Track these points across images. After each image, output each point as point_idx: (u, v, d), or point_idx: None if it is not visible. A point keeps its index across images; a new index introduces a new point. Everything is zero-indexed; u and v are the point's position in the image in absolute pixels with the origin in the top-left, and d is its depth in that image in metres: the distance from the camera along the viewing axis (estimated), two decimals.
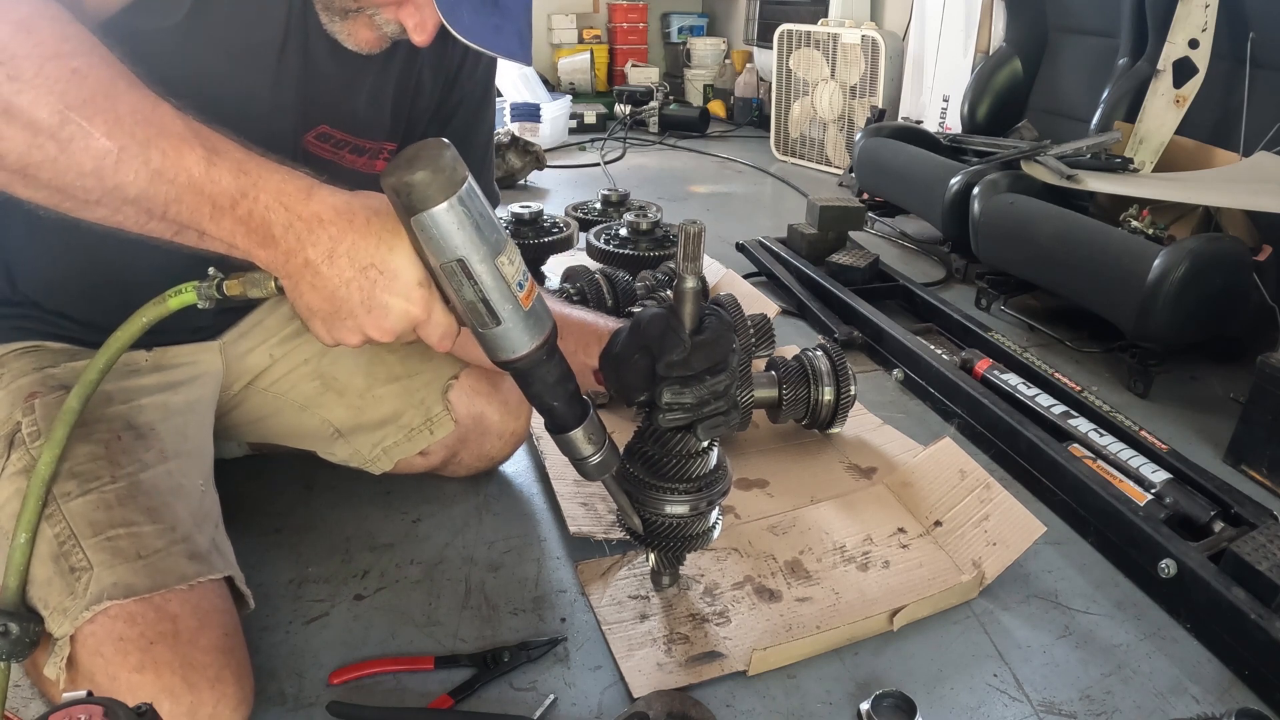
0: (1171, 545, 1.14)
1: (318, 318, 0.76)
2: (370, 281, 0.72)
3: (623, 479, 1.04)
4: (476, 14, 0.83)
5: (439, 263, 0.71)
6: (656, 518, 1.01)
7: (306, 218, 0.72)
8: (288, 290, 0.75)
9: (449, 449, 1.27)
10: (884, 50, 3.45)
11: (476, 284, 0.71)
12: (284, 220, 0.72)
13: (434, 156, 0.68)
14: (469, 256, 0.70)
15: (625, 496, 0.98)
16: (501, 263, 0.72)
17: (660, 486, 1.00)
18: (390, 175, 0.68)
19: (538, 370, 0.81)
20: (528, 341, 0.77)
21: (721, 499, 1.05)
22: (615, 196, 2.54)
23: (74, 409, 0.83)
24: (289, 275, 0.74)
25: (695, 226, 0.86)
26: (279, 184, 0.72)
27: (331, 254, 0.72)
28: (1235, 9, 2.05)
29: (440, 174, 0.67)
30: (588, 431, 0.88)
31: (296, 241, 0.72)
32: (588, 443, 0.88)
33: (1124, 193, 1.94)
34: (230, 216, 0.71)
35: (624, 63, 5.14)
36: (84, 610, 0.81)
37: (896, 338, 1.81)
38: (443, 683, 0.98)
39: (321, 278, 0.72)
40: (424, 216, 0.68)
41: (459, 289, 0.72)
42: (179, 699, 0.81)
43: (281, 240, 0.72)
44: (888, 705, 0.94)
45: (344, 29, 0.93)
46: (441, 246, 0.70)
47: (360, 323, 0.74)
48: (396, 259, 0.72)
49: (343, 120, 1.05)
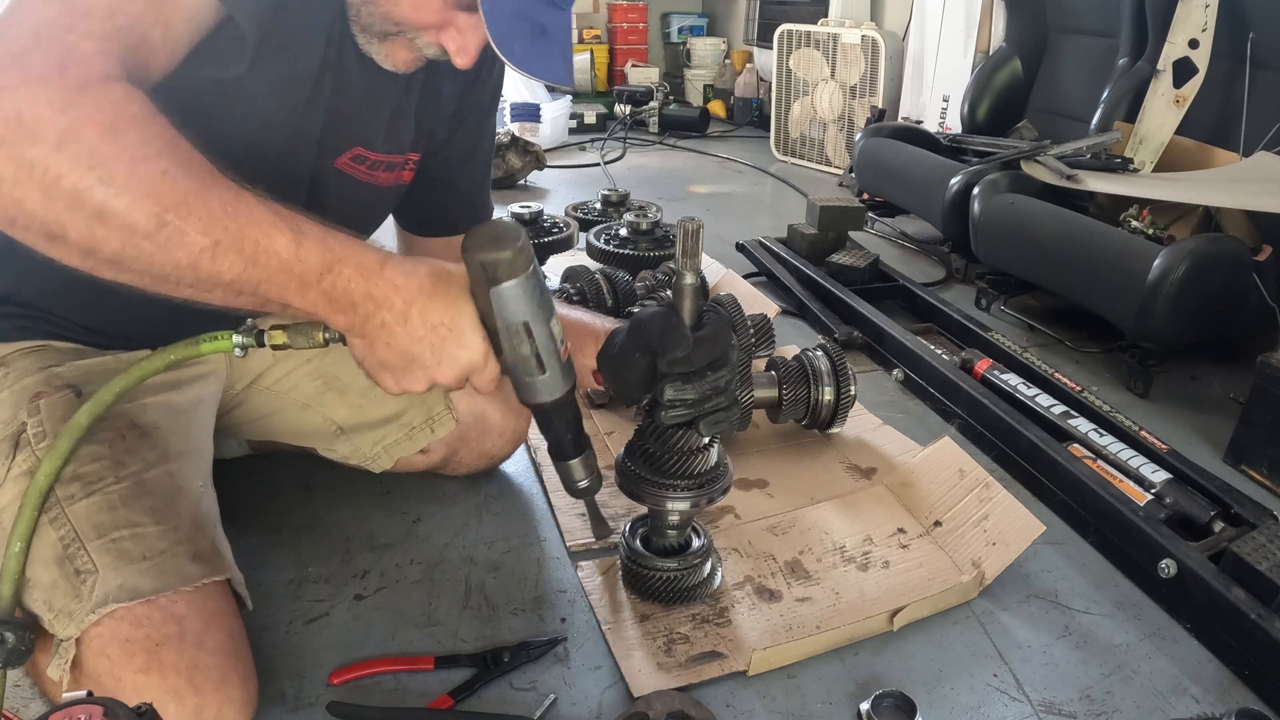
0: (1171, 545, 1.14)
1: (388, 371, 0.85)
2: (440, 338, 0.83)
3: (624, 476, 1.05)
4: (528, 44, 0.88)
5: (506, 324, 0.83)
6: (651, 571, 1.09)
7: (383, 286, 0.80)
8: (359, 349, 0.84)
9: (450, 447, 1.28)
10: (884, 50, 3.45)
11: (534, 342, 0.85)
12: (363, 290, 0.79)
13: (514, 238, 0.80)
14: (533, 320, 0.83)
15: (598, 511, 1.04)
16: (553, 324, 0.86)
17: (662, 483, 1.01)
18: (479, 252, 0.80)
19: (560, 412, 0.92)
20: (560, 390, 0.90)
21: (722, 497, 1.06)
22: (615, 196, 2.54)
23: (81, 425, 0.84)
24: (364, 335, 0.82)
25: (693, 224, 0.90)
26: (359, 258, 0.79)
27: (405, 316, 0.81)
28: (1235, 9, 2.05)
29: (521, 254, 0.80)
30: (584, 462, 0.98)
31: (375, 307, 0.80)
32: (583, 470, 0.98)
33: (1124, 193, 1.94)
34: (316, 290, 0.78)
35: (624, 63, 5.14)
36: (89, 614, 0.81)
37: (896, 338, 1.81)
38: (443, 683, 0.98)
39: (395, 336, 0.82)
40: (504, 288, 0.81)
41: (518, 345, 0.85)
42: (184, 701, 0.81)
43: (361, 307, 0.80)
44: (888, 705, 0.94)
45: (382, 50, 0.94)
46: (514, 311, 0.82)
47: (430, 372, 0.84)
48: (463, 318, 0.83)
49: (374, 140, 1.06)
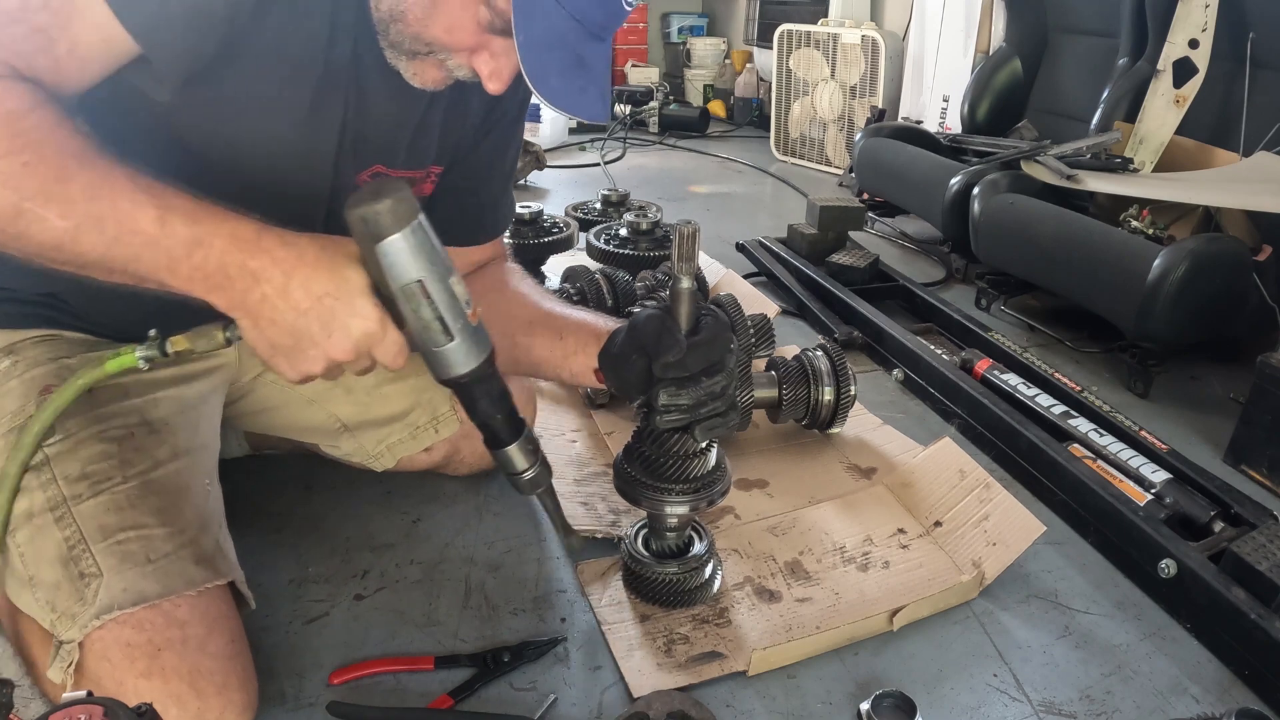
0: (1171, 545, 1.14)
1: (280, 353, 0.79)
2: (327, 309, 0.76)
3: (622, 479, 1.04)
4: (564, 77, 0.84)
5: (399, 285, 0.76)
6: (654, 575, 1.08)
7: (260, 257, 0.76)
8: (248, 331, 0.79)
9: (452, 446, 1.28)
10: (884, 50, 3.44)
11: (433, 302, 0.77)
12: (238, 262, 0.76)
13: (395, 189, 0.74)
14: (426, 277, 0.76)
15: (560, 512, 1.00)
16: (453, 282, 0.79)
17: (659, 487, 1.01)
18: (358, 207, 0.74)
19: (481, 386, 0.86)
20: (476, 357, 0.82)
21: (721, 500, 1.06)
22: (615, 196, 2.54)
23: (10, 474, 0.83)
24: (248, 313, 0.77)
25: (690, 227, 0.88)
26: (231, 230, 0.76)
27: (286, 289, 0.76)
28: (1235, 9, 2.05)
29: (401, 204, 0.74)
30: (523, 447, 0.92)
31: (252, 280, 0.76)
32: (522, 458, 0.92)
33: (1124, 193, 1.94)
34: (186, 264, 0.76)
35: (624, 63, 5.13)
36: (93, 619, 0.81)
37: (896, 338, 1.81)
38: (443, 683, 0.98)
39: (279, 311, 0.76)
40: (388, 242, 0.74)
41: (417, 309, 0.78)
42: (186, 705, 0.82)
43: (238, 281, 0.76)
44: (888, 705, 0.94)
45: (410, 67, 0.92)
46: (404, 269, 0.76)
47: (323, 348, 0.78)
48: (350, 284, 0.77)
49: (395, 156, 1.05)
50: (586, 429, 1.50)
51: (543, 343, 1.12)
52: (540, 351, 1.12)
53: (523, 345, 1.13)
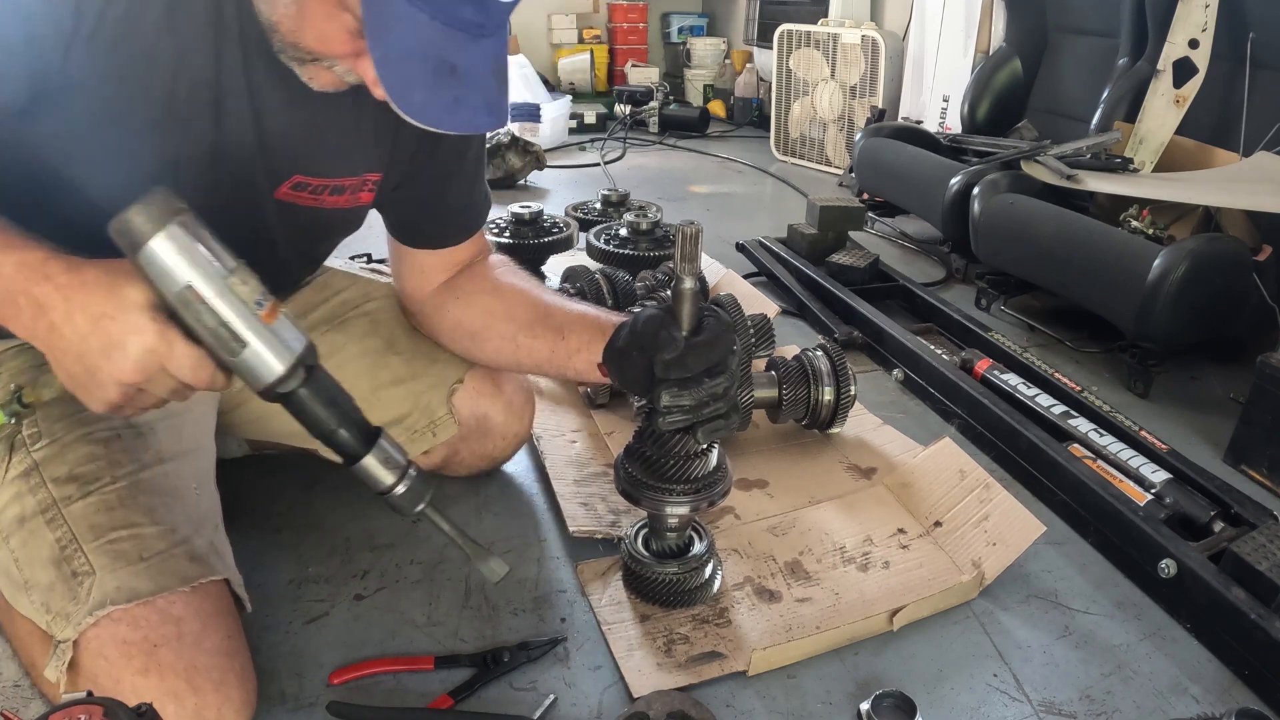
0: (1171, 545, 1.14)
1: (77, 383, 0.76)
2: (104, 330, 0.73)
3: (622, 479, 1.04)
4: (430, 90, 0.77)
5: (172, 293, 0.72)
6: None
7: (43, 285, 0.73)
8: (52, 365, 0.76)
9: (450, 448, 1.28)
10: (884, 50, 3.44)
11: (210, 307, 0.72)
12: (23, 289, 0.73)
13: (145, 196, 0.70)
14: (196, 279, 0.71)
15: (460, 532, 0.92)
16: (233, 283, 0.73)
17: (660, 487, 1.01)
18: (112, 223, 0.70)
19: (306, 393, 0.78)
20: (282, 360, 0.76)
21: (721, 499, 1.05)
22: (615, 196, 2.54)
23: None
24: (41, 343, 0.75)
25: (692, 227, 0.87)
26: (17, 259, 0.74)
27: (69, 313, 0.73)
28: (1235, 9, 2.05)
29: (152, 207, 0.69)
30: (382, 458, 0.82)
31: (38, 308, 0.73)
32: (386, 471, 0.83)
33: (1124, 193, 1.94)
34: None
35: (624, 63, 5.14)
36: (87, 616, 0.81)
37: (896, 338, 1.81)
38: (443, 683, 0.98)
39: (65, 339, 0.74)
40: (146, 250, 0.70)
41: (198, 317, 0.73)
42: (183, 702, 0.82)
43: (25, 309, 0.74)
44: (888, 705, 0.94)
45: (305, 73, 0.87)
46: (168, 276, 0.71)
47: (109, 372, 0.74)
48: (125, 301, 0.73)
49: (315, 165, 1.00)
50: (586, 429, 1.50)
51: (544, 343, 1.11)
52: (542, 351, 1.11)
53: (525, 346, 1.12)
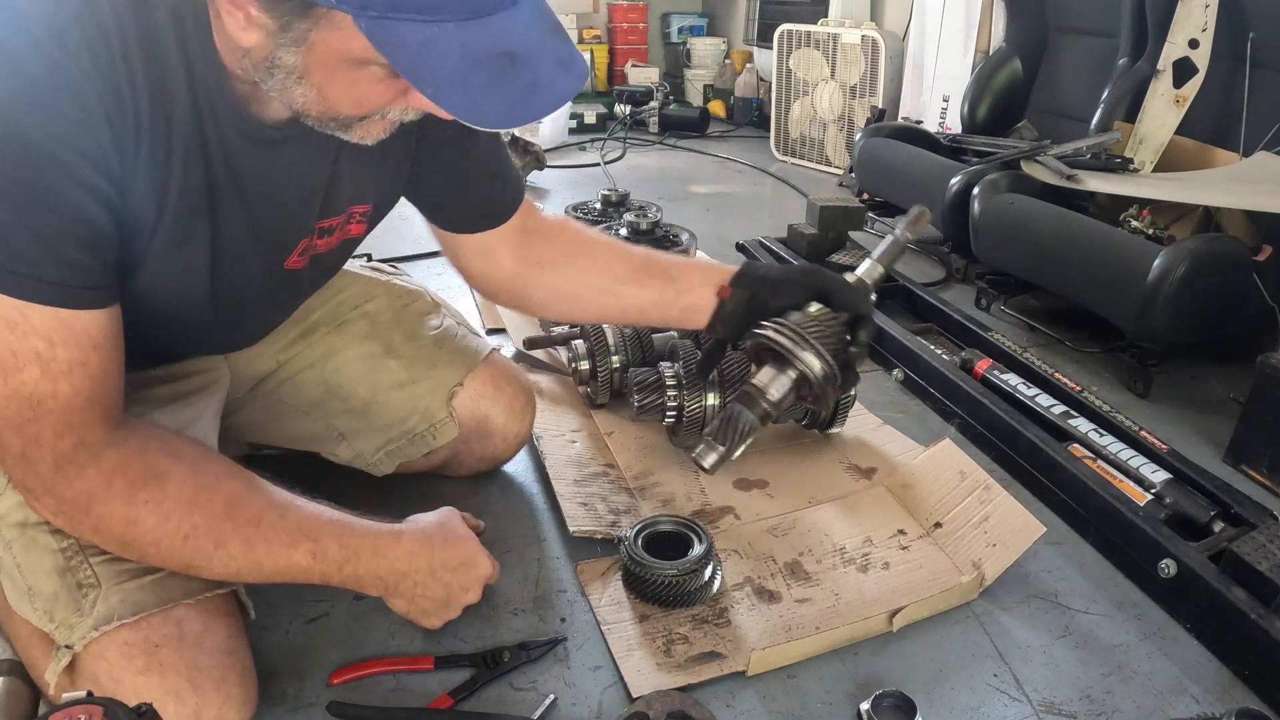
0: (1171, 545, 1.14)
1: (429, 615, 1.01)
2: (462, 575, 1.01)
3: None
4: (499, 90, 0.69)
5: None
6: None
7: (402, 560, 0.96)
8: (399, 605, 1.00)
9: (452, 450, 1.28)
10: (884, 50, 3.44)
11: None
12: (386, 567, 0.95)
13: None
14: None
15: None
16: None
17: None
18: None
19: None
20: None
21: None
22: (615, 196, 2.53)
23: None
24: (400, 596, 0.98)
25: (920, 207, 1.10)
26: (373, 544, 0.93)
27: (432, 572, 0.98)
28: (1235, 9, 2.05)
29: None
30: None
31: (400, 576, 0.96)
32: None
33: (1124, 193, 1.94)
34: (338, 577, 0.91)
35: (624, 63, 5.13)
36: (91, 630, 0.81)
37: (896, 338, 1.81)
38: (443, 683, 0.98)
39: (429, 590, 0.99)
40: None
41: None
42: (184, 701, 0.82)
43: (388, 578, 0.95)
44: (888, 705, 0.94)
45: (353, 134, 0.80)
46: None
47: (461, 599, 1.02)
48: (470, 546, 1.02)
49: (307, 226, 0.96)
50: (586, 429, 1.50)
51: (650, 290, 1.16)
52: (649, 297, 1.16)
53: (628, 295, 1.16)
